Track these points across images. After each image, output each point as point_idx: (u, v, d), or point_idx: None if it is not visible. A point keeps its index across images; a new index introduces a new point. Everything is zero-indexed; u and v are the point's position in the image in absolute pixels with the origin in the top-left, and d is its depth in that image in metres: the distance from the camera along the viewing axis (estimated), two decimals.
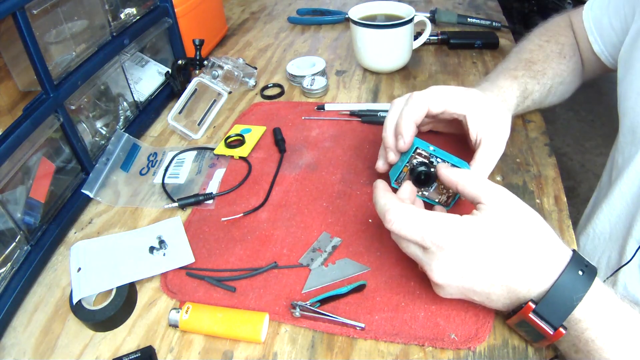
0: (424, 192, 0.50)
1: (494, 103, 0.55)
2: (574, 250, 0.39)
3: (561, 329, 0.37)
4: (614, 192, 0.61)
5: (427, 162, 0.48)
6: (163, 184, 0.63)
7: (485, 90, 0.58)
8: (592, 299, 0.37)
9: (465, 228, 0.39)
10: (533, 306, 0.37)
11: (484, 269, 0.38)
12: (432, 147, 0.48)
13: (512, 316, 0.39)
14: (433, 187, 0.49)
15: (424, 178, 0.48)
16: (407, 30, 0.78)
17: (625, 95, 0.58)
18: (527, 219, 0.40)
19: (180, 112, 0.74)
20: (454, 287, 0.40)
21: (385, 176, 0.52)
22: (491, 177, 0.59)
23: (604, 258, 0.64)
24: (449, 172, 0.44)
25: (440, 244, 0.39)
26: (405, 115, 0.50)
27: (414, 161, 0.49)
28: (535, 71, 0.62)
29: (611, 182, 0.64)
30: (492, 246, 0.38)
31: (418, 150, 0.48)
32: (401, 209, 0.40)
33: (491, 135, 0.52)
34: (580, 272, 0.37)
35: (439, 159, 0.48)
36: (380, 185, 0.45)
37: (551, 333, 0.37)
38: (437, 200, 0.50)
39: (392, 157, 0.52)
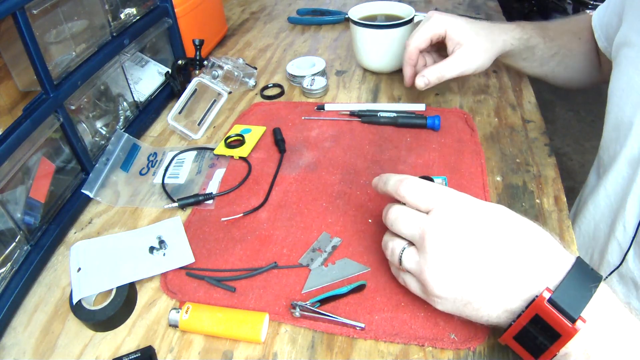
0: None
1: (476, 23, 0.65)
2: (578, 257, 0.37)
3: (578, 323, 0.33)
4: (600, 190, 0.61)
5: None
6: (163, 184, 0.63)
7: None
8: (596, 304, 0.35)
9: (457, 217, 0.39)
10: (547, 296, 0.34)
11: (481, 268, 0.37)
12: None
13: (520, 316, 0.36)
14: None
15: None
16: (407, 30, 0.78)
17: (612, 92, 0.59)
18: (518, 224, 0.39)
19: (180, 112, 0.74)
20: (451, 299, 0.39)
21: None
22: (491, 177, 0.59)
23: (586, 258, 0.64)
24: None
25: (441, 202, 0.39)
26: (408, 47, 0.68)
27: None
28: (545, 32, 0.68)
29: (598, 180, 0.64)
30: (489, 250, 0.37)
31: None
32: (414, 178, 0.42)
33: (464, 40, 0.63)
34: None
35: None
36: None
37: (570, 325, 0.33)
38: None
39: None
